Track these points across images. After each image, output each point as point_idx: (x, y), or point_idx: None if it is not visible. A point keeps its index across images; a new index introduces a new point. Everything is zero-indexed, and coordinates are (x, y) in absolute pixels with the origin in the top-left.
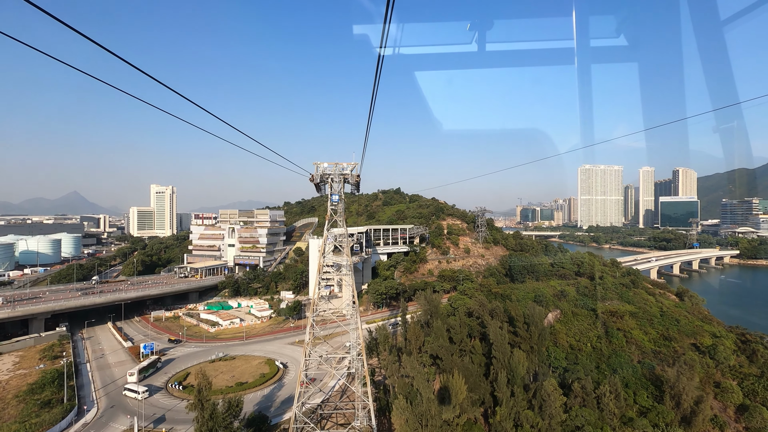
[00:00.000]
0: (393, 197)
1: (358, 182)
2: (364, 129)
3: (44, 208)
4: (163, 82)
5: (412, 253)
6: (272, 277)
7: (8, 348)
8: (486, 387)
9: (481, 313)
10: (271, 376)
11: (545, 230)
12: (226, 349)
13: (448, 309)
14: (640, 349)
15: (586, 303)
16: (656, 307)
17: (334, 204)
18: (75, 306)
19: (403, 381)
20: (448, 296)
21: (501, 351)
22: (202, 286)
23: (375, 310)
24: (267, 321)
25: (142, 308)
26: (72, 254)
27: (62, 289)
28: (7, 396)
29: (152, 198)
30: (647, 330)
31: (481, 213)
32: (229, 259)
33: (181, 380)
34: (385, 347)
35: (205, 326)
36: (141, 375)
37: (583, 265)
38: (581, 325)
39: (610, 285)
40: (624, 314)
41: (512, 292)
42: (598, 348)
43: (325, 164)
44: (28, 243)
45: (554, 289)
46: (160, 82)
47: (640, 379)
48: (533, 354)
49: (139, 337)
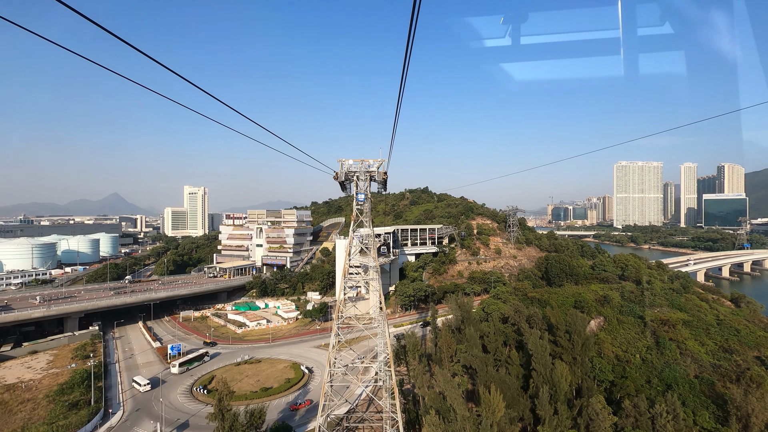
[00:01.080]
0: (420, 196)
1: (385, 180)
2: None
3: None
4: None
5: (440, 253)
6: (299, 278)
7: (44, 346)
8: (525, 402)
9: (517, 319)
10: (297, 382)
11: (578, 230)
12: (252, 352)
13: (481, 314)
14: (697, 362)
15: (632, 310)
16: (711, 315)
17: (360, 203)
18: (107, 306)
19: (435, 393)
20: (479, 299)
21: (542, 363)
22: (230, 286)
23: (402, 313)
24: (293, 322)
25: (172, 307)
26: (110, 253)
27: (96, 288)
28: (39, 396)
29: (185, 199)
30: (703, 341)
31: (513, 212)
32: (257, 259)
33: (206, 383)
34: (414, 356)
35: (233, 327)
36: (183, 368)
37: (628, 268)
38: (628, 334)
39: (659, 290)
40: (676, 323)
41: (550, 297)
42: (648, 360)
43: (350, 161)
44: (69, 243)
45: (596, 294)
46: (198, 86)
47: (699, 397)
48: (576, 366)
49: (168, 338)
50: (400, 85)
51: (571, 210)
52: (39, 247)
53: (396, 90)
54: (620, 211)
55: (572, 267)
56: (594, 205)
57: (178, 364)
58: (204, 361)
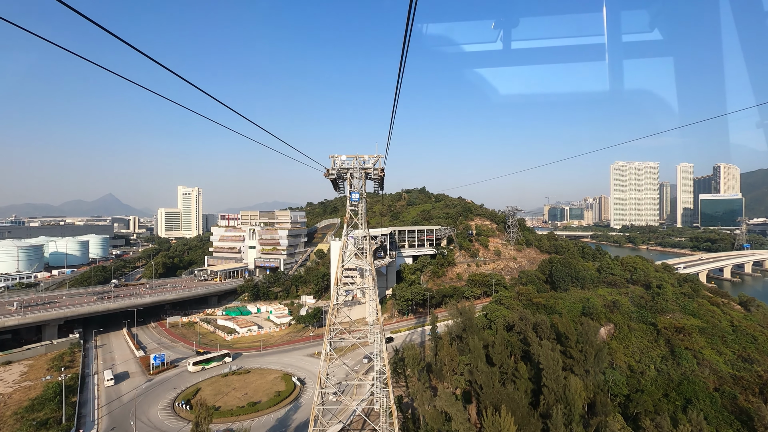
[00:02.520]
0: (418, 197)
1: (383, 177)
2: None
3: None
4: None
5: (439, 255)
6: (293, 281)
7: (18, 356)
8: (536, 423)
9: (523, 328)
10: (287, 395)
11: (575, 230)
12: (241, 361)
13: (483, 321)
14: (716, 373)
15: (644, 316)
16: (726, 321)
17: (354, 203)
18: (87, 312)
19: (437, 412)
20: (478, 302)
21: (553, 378)
22: (220, 290)
23: (400, 318)
24: (286, 328)
25: (159, 312)
26: (100, 255)
27: (80, 293)
28: (6, 413)
29: (179, 199)
30: (720, 349)
31: (513, 213)
32: (249, 262)
33: (189, 398)
34: (414, 370)
35: (222, 333)
36: (200, 366)
37: (636, 271)
38: (641, 342)
39: (671, 295)
40: (692, 330)
41: (556, 303)
42: (663, 371)
43: (344, 157)
44: (57, 244)
45: (604, 299)
46: (198, 87)
47: (722, 412)
48: (588, 379)
49: (153, 346)
50: (400, 65)
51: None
52: (25, 250)
53: (393, 87)
54: (617, 211)
55: (578, 270)
56: (590, 205)
57: (193, 362)
58: (225, 362)
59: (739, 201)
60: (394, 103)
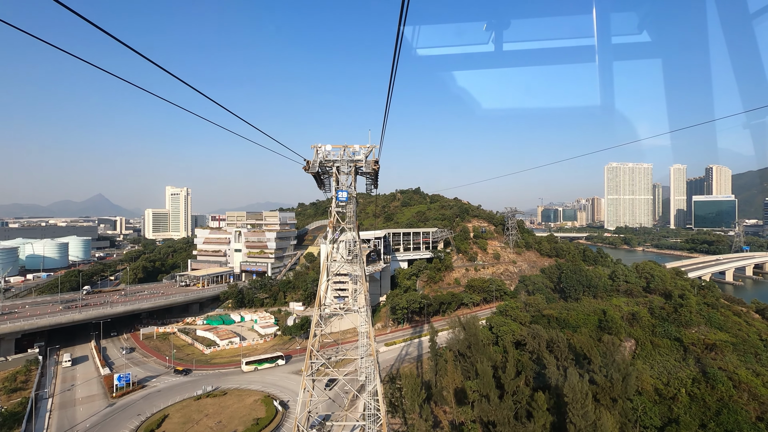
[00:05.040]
0: (412, 197)
1: (377, 172)
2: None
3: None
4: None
5: (435, 259)
6: (281, 286)
7: None
8: None
9: (535, 346)
10: (267, 423)
11: (569, 231)
12: (218, 380)
13: (488, 335)
14: (756, 398)
15: (667, 330)
16: (754, 335)
17: (341, 204)
18: (48, 324)
19: None
20: (478, 309)
21: (581, 414)
22: (201, 297)
23: (395, 327)
24: (271, 340)
25: (135, 322)
26: (81, 258)
27: (47, 301)
28: None
29: (167, 200)
30: (756, 369)
31: (512, 214)
32: (235, 266)
33: (154, 427)
34: (414, 405)
35: (200, 346)
36: (252, 366)
37: (654, 279)
38: (666, 361)
39: (695, 306)
40: (723, 347)
41: (569, 315)
42: (697, 397)
43: (329, 147)
44: (34, 247)
45: (620, 309)
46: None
47: None
48: (615, 408)
49: (122, 362)
50: (392, 70)
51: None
52: None
53: (385, 86)
54: (611, 212)
55: (590, 278)
56: (583, 206)
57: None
58: (277, 364)
59: (731, 202)
60: (389, 88)
